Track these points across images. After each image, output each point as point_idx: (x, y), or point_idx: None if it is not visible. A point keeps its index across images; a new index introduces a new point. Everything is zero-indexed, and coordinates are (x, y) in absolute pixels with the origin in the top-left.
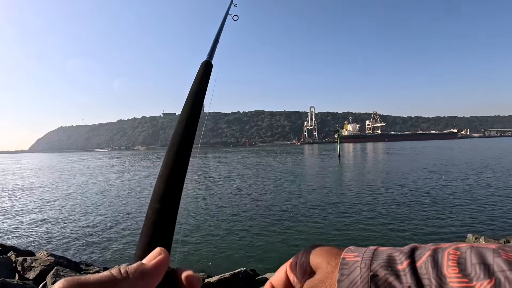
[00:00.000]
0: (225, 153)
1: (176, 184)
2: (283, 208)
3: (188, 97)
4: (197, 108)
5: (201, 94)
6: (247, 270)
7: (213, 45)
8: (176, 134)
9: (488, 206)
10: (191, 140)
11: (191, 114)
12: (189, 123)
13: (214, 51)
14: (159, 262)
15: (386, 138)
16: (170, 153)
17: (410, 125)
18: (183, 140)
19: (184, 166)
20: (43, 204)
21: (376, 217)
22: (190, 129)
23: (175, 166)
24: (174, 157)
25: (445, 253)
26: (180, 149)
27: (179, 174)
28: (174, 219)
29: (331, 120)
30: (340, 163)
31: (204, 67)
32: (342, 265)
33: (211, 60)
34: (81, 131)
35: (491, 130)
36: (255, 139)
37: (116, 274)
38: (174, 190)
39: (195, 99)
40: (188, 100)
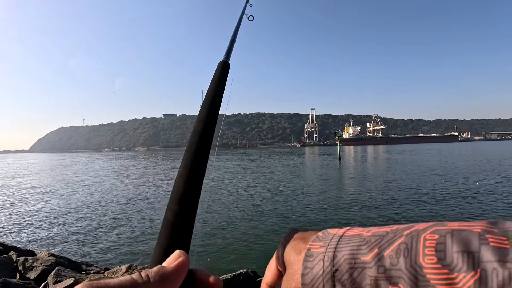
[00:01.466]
0: (226, 155)
1: (194, 185)
2: (283, 210)
3: (206, 97)
4: (215, 108)
5: (219, 94)
6: (248, 271)
7: (230, 45)
8: (195, 133)
9: (488, 209)
10: (209, 140)
11: (210, 114)
12: (207, 123)
13: (231, 51)
14: (180, 265)
15: (386, 141)
16: (189, 153)
17: (411, 128)
18: (202, 140)
19: (202, 167)
20: (44, 204)
21: (376, 220)
22: (209, 129)
23: (193, 167)
24: (192, 157)
25: (420, 238)
26: (199, 149)
27: (197, 175)
28: (192, 221)
29: (332, 123)
30: (341, 165)
31: (221, 67)
32: (307, 257)
33: (229, 60)
34: (82, 132)
35: (492, 133)
36: (256, 141)
37: (137, 278)
38: (192, 191)
39: (213, 99)
40: (206, 100)
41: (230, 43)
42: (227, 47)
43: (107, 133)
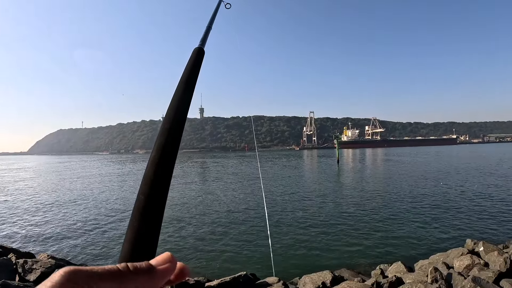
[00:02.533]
0: (224, 158)
1: (167, 165)
2: (282, 213)
3: (179, 83)
4: (188, 95)
5: (192, 81)
6: (247, 274)
7: (206, 31)
8: (167, 121)
9: (486, 211)
10: (181, 128)
11: (182, 101)
12: (179, 110)
13: (206, 38)
14: (168, 269)
15: (385, 144)
16: (161, 139)
17: (409, 130)
18: (173, 127)
19: (173, 152)
20: (43, 206)
21: (374, 223)
22: (181, 116)
23: (164, 153)
24: (164, 143)
25: None
26: (170, 136)
27: (168, 160)
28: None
29: (331, 126)
30: (339, 168)
31: (196, 53)
32: None
33: (204, 47)
34: (81, 134)
35: (490, 136)
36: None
37: (123, 269)
38: (164, 175)
39: (186, 86)
40: (179, 87)
41: (206, 30)
42: (203, 34)
43: (105, 136)
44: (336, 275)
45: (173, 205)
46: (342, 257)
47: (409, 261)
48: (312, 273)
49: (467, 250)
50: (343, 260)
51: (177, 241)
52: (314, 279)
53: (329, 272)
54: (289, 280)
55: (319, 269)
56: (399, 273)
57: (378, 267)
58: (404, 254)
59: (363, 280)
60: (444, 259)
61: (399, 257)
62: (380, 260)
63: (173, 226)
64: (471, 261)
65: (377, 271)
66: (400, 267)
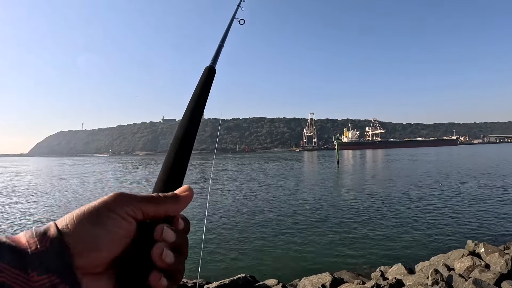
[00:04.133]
0: (225, 160)
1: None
2: (282, 214)
3: (190, 101)
4: (198, 113)
5: (203, 99)
6: (246, 276)
7: (218, 50)
8: (177, 138)
9: (487, 212)
10: (190, 145)
11: (192, 119)
12: (190, 128)
13: (218, 57)
14: (188, 196)
15: (385, 145)
16: (169, 158)
17: (410, 131)
18: (183, 145)
19: (182, 172)
20: (43, 208)
21: (374, 224)
22: (191, 134)
23: (173, 172)
24: (172, 162)
25: None
26: (180, 154)
27: (177, 180)
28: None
29: (331, 127)
30: (339, 170)
31: (207, 72)
32: None
33: (215, 66)
34: (81, 136)
35: (490, 137)
36: (255, 145)
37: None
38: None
39: (196, 104)
40: (190, 105)
41: (218, 48)
42: (215, 52)
43: (106, 138)
44: (336, 277)
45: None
46: (342, 259)
47: (410, 262)
48: (312, 275)
49: (468, 252)
50: (343, 262)
51: None
52: (314, 281)
53: (328, 274)
54: (288, 282)
55: (319, 271)
56: (399, 275)
57: (378, 269)
58: (405, 256)
59: (363, 282)
60: (444, 260)
61: (399, 258)
62: (380, 262)
63: None
64: (472, 262)
65: (377, 273)
66: (401, 269)
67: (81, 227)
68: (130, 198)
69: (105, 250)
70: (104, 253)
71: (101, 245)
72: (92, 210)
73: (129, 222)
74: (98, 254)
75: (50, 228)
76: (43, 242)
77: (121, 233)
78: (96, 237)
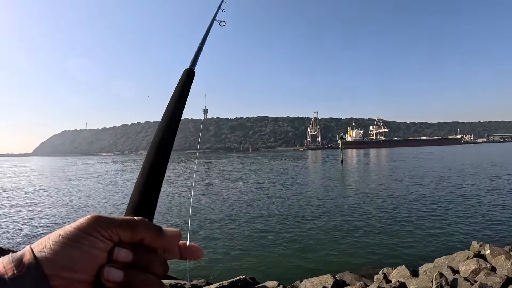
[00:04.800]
0: (229, 159)
1: (151, 194)
2: (284, 214)
3: (169, 104)
4: (177, 116)
5: (182, 102)
6: (246, 278)
7: (197, 52)
8: (155, 142)
9: (492, 213)
10: (169, 149)
11: (171, 122)
12: (168, 132)
13: (197, 59)
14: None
15: (389, 144)
16: (147, 162)
17: (414, 131)
18: (162, 148)
19: (160, 176)
20: (44, 208)
21: (377, 225)
22: (169, 137)
23: (151, 176)
24: (149, 167)
25: None
26: (158, 158)
27: (155, 183)
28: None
29: (335, 126)
30: (343, 169)
31: (186, 75)
32: None
33: (194, 68)
34: (85, 135)
35: (495, 136)
36: (258, 144)
37: (138, 221)
38: (150, 199)
39: (175, 107)
40: (168, 108)
41: (197, 50)
42: (194, 54)
43: (109, 137)
44: (338, 279)
45: (174, 205)
46: (343, 259)
47: (413, 264)
48: (313, 277)
49: (473, 253)
50: (345, 262)
51: None
52: (315, 283)
53: (330, 276)
54: (289, 284)
55: (320, 273)
56: (402, 277)
57: (381, 271)
58: (408, 257)
59: (366, 285)
60: (449, 262)
61: (402, 259)
62: (383, 263)
63: (174, 226)
64: (478, 265)
65: (379, 275)
66: (404, 271)
67: (57, 250)
68: (107, 221)
69: (82, 271)
70: (80, 275)
71: (77, 267)
72: (68, 233)
73: (106, 244)
74: (74, 276)
75: (26, 253)
76: (19, 268)
77: (97, 255)
78: (72, 259)
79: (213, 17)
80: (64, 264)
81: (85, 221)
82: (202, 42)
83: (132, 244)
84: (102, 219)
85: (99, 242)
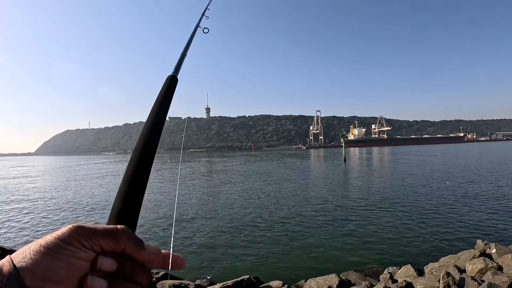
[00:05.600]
0: (231, 158)
1: (134, 201)
2: (288, 214)
3: (152, 110)
4: (159, 122)
5: (164, 109)
6: (250, 278)
7: (180, 59)
8: (137, 148)
9: (496, 211)
10: (151, 155)
11: (154, 127)
12: (151, 137)
13: (180, 65)
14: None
15: (392, 142)
16: (129, 169)
17: (416, 129)
18: (144, 154)
19: (143, 183)
20: (45, 208)
21: (381, 224)
22: (152, 143)
23: (134, 183)
24: (133, 173)
25: None
26: (141, 164)
27: (138, 191)
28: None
29: (337, 124)
30: (346, 167)
31: (169, 81)
32: None
33: (177, 75)
34: (87, 135)
35: (498, 134)
36: (261, 143)
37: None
38: (132, 207)
39: (158, 113)
40: (151, 114)
41: (180, 57)
42: (177, 61)
43: (112, 136)
44: (343, 279)
45: (174, 205)
46: (348, 259)
47: (418, 263)
48: (318, 277)
49: (478, 253)
50: (349, 262)
51: (176, 243)
52: (320, 283)
53: (335, 276)
54: (293, 284)
55: (325, 272)
56: (409, 277)
57: (387, 271)
58: (412, 256)
59: (371, 285)
60: (455, 261)
61: (407, 259)
62: (387, 262)
63: (176, 226)
64: (485, 264)
65: (385, 275)
66: (410, 271)
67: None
68: (89, 231)
69: (64, 282)
70: (62, 285)
71: (59, 278)
72: (48, 243)
73: (88, 253)
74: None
75: (6, 263)
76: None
77: (79, 265)
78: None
79: (197, 24)
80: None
81: (66, 231)
82: (186, 49)
83: (115, 253)
84: (83, 229)
85: (80, 252)
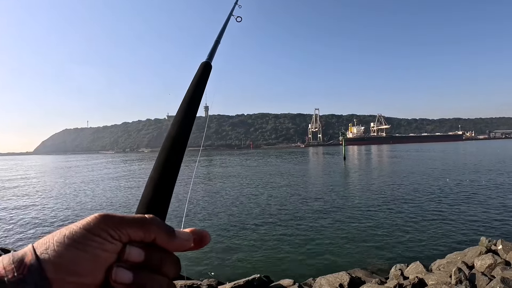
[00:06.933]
0: (230, 156)
1: (165, 190)
2: (294, 212)
3: (185, 98)
4: (193, 110)
5: (198, 96)
6: (261, 276)
7: (214, 46)
8: (169, 136)
9: (497, 208)
10: (184, 143)
11: (187, 116)
12: (184, 125)
13: (214, 53)
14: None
15: (391, 141)
16: (161, 157)
17: (415, 127)
18: (177, 143)
19: (175, 171)
20: (45, 208)
21: (385, 222)
22: (185, 131)
23: (165, 171)
24: (164, 161)
25: None
26: (173, 152)
27: (169, 180)
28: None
29: (336, 123)
30: (346, 165)
31: (203, 68)
32: None
33: (211, 62)
34: (86, 133)
35: (496, 132)
36: (260, 141)
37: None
38: (163, 196)
39: (191, 100)
40: (184, 102)
41: (214, 44)
42: (211, 48)
43: (110, 135)
44: (354, 276)
45: (180, 203)
46: (355, 256)
47: (425, 260)
48: (328, 274)
49: (485, 249)
50: (357, 259)
51: None
52: (331, 280)
53: (345, 273)
54: (303, 281)
55: (333, 270)
56: (419, 273)
57: (397, 268)
58: (418, 253)
59: (382, 282)
60: (462, 258)
61: (412, 256)
62: (394, 259)
63: (182, 225)
64: (493, 260)
65: (396, 272)
66: (419, 267)
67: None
68: (116, 220)
69: (88, 275)
70: (87, 278)
71: (84, 271)
72: (73, 233)
73: (115, 245)
74: (80, 280)
75: (28, 253)
76: (20, 269)
77: (106, 257)
78: (77, 263)
79: (230, 12)
80: (69, 267)
81: (92, 220)
82: (219, 37)
83: (143, 243)
84: (111, 218)
85: (107, 244)
